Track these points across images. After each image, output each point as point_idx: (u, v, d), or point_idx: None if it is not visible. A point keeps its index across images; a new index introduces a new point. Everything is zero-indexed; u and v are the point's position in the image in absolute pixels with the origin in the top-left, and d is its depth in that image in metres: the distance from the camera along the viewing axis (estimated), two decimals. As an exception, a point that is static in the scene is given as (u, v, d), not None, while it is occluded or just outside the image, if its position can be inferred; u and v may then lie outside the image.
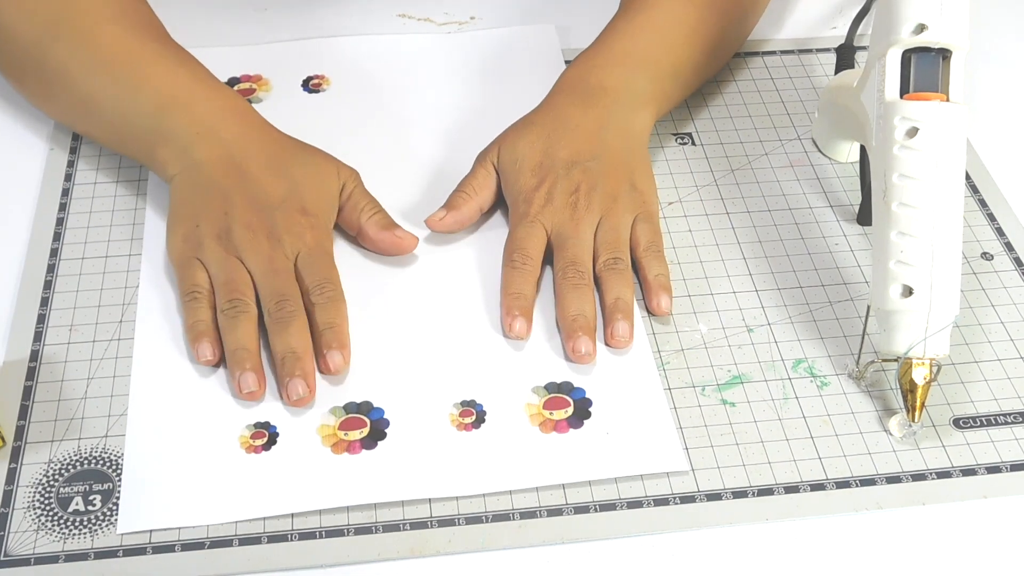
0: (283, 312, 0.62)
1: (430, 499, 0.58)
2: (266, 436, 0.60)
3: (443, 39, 0.85)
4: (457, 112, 0.79)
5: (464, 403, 0.62)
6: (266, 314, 0.62)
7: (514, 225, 0.68)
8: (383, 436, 0.60)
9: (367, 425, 0.61)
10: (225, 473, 0.58)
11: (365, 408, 0.61)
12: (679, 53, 0.75)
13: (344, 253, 0.69)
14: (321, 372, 0.62)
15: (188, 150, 0.67)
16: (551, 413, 0.61)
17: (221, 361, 0.62)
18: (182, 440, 0.60)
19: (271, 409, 0.61)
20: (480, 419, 0.61)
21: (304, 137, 0.73)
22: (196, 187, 0.66)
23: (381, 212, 0.69)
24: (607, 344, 0.64)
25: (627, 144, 0.71)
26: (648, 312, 0.66)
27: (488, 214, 0.72)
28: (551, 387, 0.63)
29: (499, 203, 0.72)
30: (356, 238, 0.69)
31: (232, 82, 0.80)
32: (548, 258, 0.68)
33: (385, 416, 0.61)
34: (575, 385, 0.63)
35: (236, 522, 0.56)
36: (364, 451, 0.59)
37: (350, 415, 0.61)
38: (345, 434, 0.60)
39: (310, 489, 0.58)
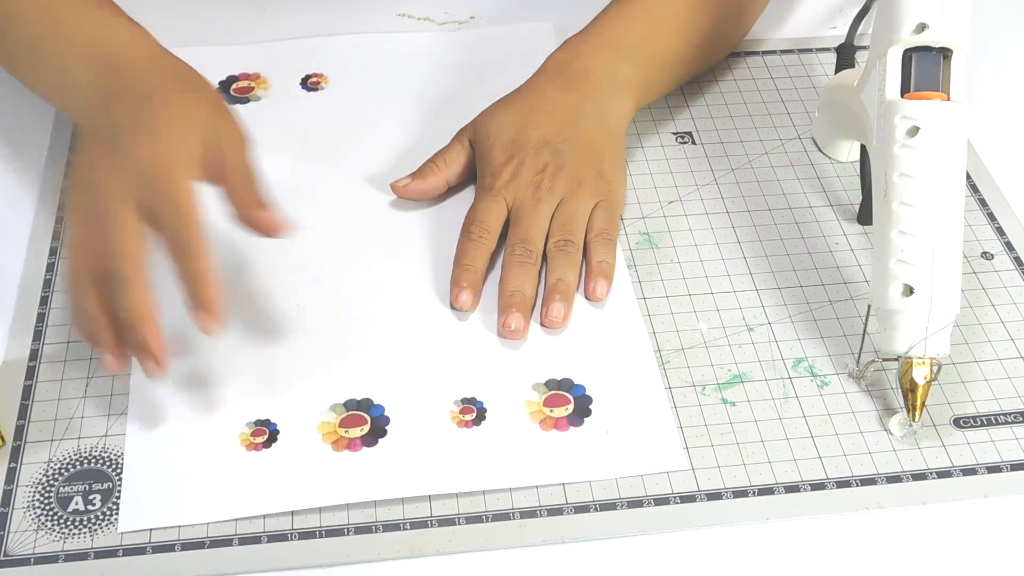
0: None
1: (430, 497, 0.58)
2: (266, 433, 0.60)
3: (442, 37, 0.85)
4: (455, 110, 0.78)
5: (465, 400, 0.62)
6: None
7: (478, 197, 0.69)
8: (384, 433, 0.60)
9: (367, 422, 0.60)
10: (225, 471, 0.58)
11: (365, 405, 0.61)
12: (667, 43, 0.75)
13: (340, 252, 0.69)
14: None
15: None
16: (551, 410, 0.61)
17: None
18: (182, 438, 0.60)
19: (271, 406, 0.61)
20: (480, 416, 0.61)
21: (303, 135, 0.73)
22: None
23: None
24: (541, 324, 0.65)
25: (602, 131, 0.71)
26: (586, 297, 0.67)
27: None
28: (551, 384, 0.63)
29: (470, 180, 0.73)
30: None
31: (230, 80, 0.80)
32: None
33: (386, 413, 0.61)
34: (575, 382, 0.63)
35: (236, 520, 0.56)
36: (365, 448, 0.59)
37: (351, 412, 0.61)
38: (346, 431, 0.60)
39: (311, 486, 0.58)
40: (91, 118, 0.62)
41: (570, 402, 0.62)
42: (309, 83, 0.81)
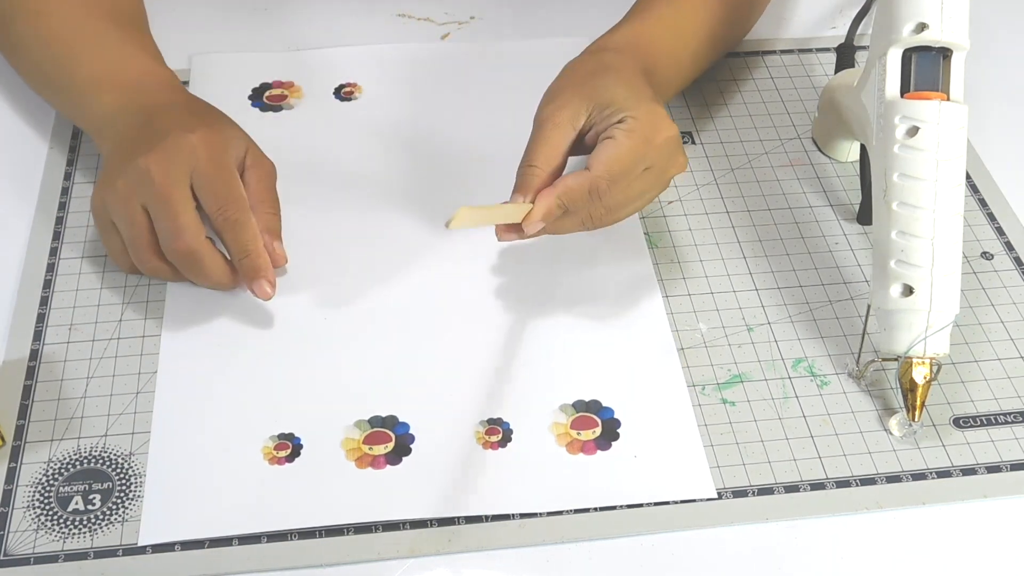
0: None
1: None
2: (290, 448, 0.59)
3: (478, 48, 0.84)
4: (490, 121, 0.77)
5: (491, 421, 0.61)
6: None
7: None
8: (408, 452, 0.59)
9: (392, 440, 0.60)
10: (248, 484, 0.58)
11: (391, 422, 0.61)
12: (685, 46, 0.74)
13: (369, 265, 0.68)
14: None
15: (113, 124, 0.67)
16: (579, 433, 0.60)
17: None
18: (205, 449, 0.59)
19: (295, 420, 0.61)
20: (507, 438, 0.60)
21: (336, 145, 0.73)
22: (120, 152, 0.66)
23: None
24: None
25: None
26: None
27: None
28: (579, 405, 0.62)
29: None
30: None
31: (264, 88, 0.80)
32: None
33: (411, 431, 0.60)
34: (603, 404, 0.62)
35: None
36: (389, 466, 0.59)
37: (375, 429, 0.60)
38: (370, 448, 0.59)
39: (333, 503, 0.57)
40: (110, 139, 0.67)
41: (598, 425, 0.61)
42: (343, 92, 0.80)
